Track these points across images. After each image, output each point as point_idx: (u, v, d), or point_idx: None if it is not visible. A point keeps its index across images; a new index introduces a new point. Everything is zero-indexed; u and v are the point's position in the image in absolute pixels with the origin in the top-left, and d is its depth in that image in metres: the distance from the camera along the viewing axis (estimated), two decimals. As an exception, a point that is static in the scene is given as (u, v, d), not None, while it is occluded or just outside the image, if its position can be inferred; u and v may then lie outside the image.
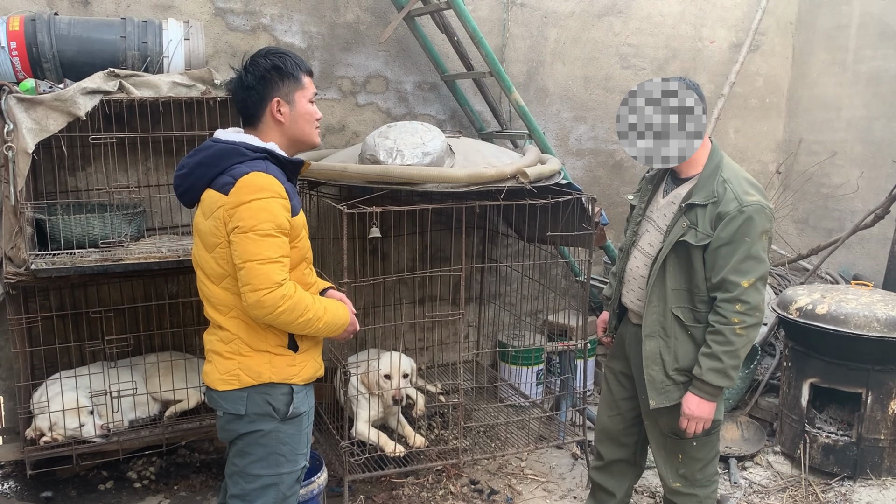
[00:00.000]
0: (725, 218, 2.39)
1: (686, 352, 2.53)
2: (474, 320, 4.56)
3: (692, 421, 2.49)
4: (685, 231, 2.46)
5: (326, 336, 2.25)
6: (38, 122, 2.92)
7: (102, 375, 3.26)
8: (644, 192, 2.77)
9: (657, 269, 2.54)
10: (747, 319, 2.39)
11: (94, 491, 3.44)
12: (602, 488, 2.98)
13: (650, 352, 2.58)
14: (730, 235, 2.39)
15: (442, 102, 4.31)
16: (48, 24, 3.03)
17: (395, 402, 3.38)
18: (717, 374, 2.42)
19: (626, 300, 2.76)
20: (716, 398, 2.48)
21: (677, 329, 2.53)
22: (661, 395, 2.56)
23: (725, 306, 2.40)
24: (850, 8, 5.06)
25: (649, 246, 2.65)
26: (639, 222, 2.73)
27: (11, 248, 3.00)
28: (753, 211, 2.38)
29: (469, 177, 3.04)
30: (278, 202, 2.04)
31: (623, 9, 4.74)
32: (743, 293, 2.38)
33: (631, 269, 2.73)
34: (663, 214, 2.61)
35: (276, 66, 2.14)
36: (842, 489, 3.62)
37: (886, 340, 3.44)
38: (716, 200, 2.43)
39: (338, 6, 3.95)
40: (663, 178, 2.68)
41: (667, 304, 2.53)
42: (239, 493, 2.20)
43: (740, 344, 2.40)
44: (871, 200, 4.79)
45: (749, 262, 2.38)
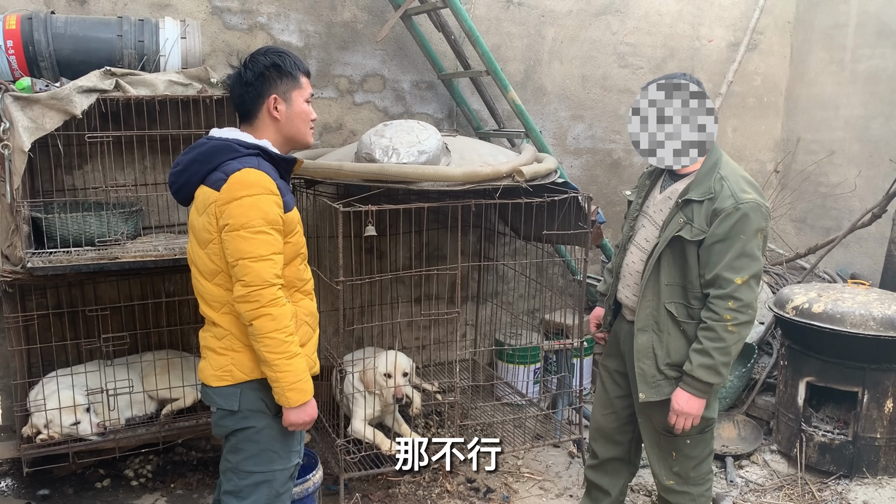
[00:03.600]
0: (721, 214, 2.39)
1: (678, 347, 2.53)
2: (471, 319, 4.57)
3: (681, 417, 2.49)
4: (681, 227, 2.46)
5: (276, 386, 2.10)
6: (34, 121, 2.92)
7: (99, 373, 3.26)
8: (641, 188, 2.77)
9: (652, 264, 2.54)
10: (739, 317, 2.39)
11: (91, 489, 3.44)
12: (597, 486, 2.98)
13: (642, 345, 2.58)
14: (725, 232, 2.39)
15: (439, 101, 4.31)
16: (45, 22, 3.04)
17: (396, 401, 3.38)
18: (708, 370, 2.42)
19: (622, 296, 2.77)
20: (705, 395, 2.48)
21: (670, 324, 2.54)
22: (651, 388, 2.57)
23: (718, 303, 2.40)
24: (847, 7, 5.06)
25: (645, 241, 2.65)
26: (635, 218, 2.74)
27: (8, 246, 3.01)
28: (749, 208, 2.38)
29: (465, 175, 3.04)
30: (270, 198, 2.05)
31: (621, 8, 4.75)
32: (736, 290, 2.38)
33: (627, 265, 2.73)
34: (659, 210, 2.61)
35: (275, 64, 2.16)
36: (838, 488, 3.63)
37: (882, 339, 3.44)
38: (712, 197, 2.43)
39: (335, 5, 3.96)
40: (661, 174, 2.68)
41: (660, 298, 2.54)
42: (232, 489, 2.21)
43: (732, 341, 2.40)
44: (868, 199, 4.79)
45: (743, 260, 2.38)
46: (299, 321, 2.21)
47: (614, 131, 4.86)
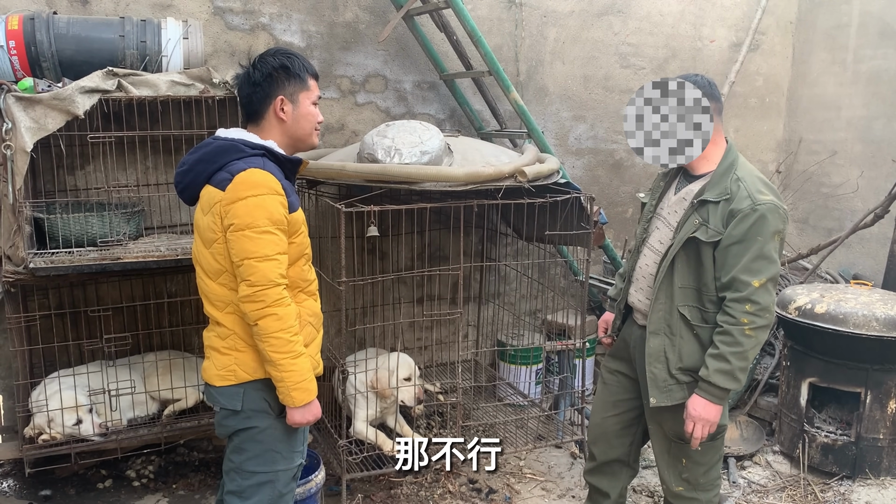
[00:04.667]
0: (738, 216, 2.34)
1: (691, 351, 2.48)
2: (473, 319, 4.56)
3: (698, 424, 2.42)
4: (697, 228, 2.41)
5: (281, 386, 2.11)
6: (36, 121, 2.92)
7: (101, 374, 3.26)
8: (656, 190, 2.71)
9: (666, 266, 2.49)
10: (757, 320, 2.33)
11: (93, 489, 3.44)
12: (596, 489, 2.95)
13: (654, 349, 2.53)
14: (742, 234, 2.34)
15: (441, 102, 4.31)
16: (47, 23, 3.04)
17: (418, 402, 3.45)
18: (725, 375, 2.36)
19: (634, 299, 2.71)
20: (722, 401, 2.42)
21: (683, 328, 2.48)
22: (662, 393, 2.51)
23: (735, 306, 2.34)
24: (850, 7, 5.05)
25: (659, 243, 2.60)
26: (649, 219, 2.69)
27: (10, 246, 3.01)
28: (767, 210, 2.33)
29: (467, 176, 3.04)
30: (275, 198, 2.05)
31: (622, 8, 4.74)
32: (753, 293, 2.32)
33: (640, 268, 2.68)
34: (674, 211, 2.56)
35: (283, 66, 2.17)
36: (840, 489, 3.62)
37: (885, 340, 3.43)
38: (728, 198, 2.38)
39: (337, 5, 3.96)
40: (676, 175, 2.64)
41: (673, 301, 2.49)
42: (235, 489, 2.21)
43: (749, 345, 2.34)
44: (870, 200, 4.78)
45: (760, 262, 2.33)
46: (303, 322, 2.21)
47: (616, 132, 4.86)
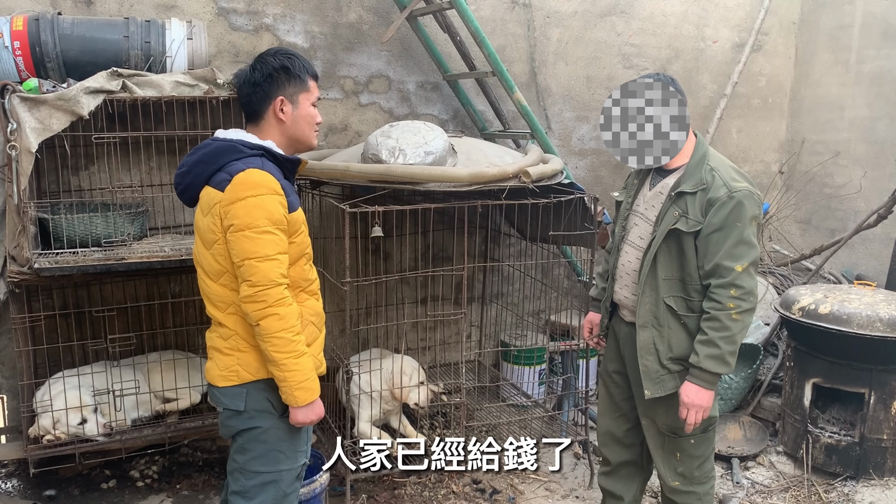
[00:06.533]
0: (716, 204, 2.42)
1: (679, 341, 2.54)
2: (476, 320, 4.56)
3: (692, 410, 2.48)
4: (677, 219, 2.48)
5: (284, 385, 2.10)
6: (41, 122, 2.93)
7: (105, 374, 3.27)
8: (630, 188, 2.78)
9: (649, 260, 2.55)
10: (742, 304, 2.40)
11: (97, 490, 3.44)
12: (610, 494, 2.97)
13: (644, 342, 2.59)
14: (721, 221, 2.41)
15: (444, 102, 4.31)
16: (51, 23, 3.05)
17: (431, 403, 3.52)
18: (715, 360, 2.43)
19: (619, 296, 2.76)
20: (714, 386, 2.48)
21: (670, 318, 2.55)
22: (655, 384, 2.57)
23: (720, 292, 2.41)
24: (853, 8, 5.04)
25: (640, 239, 2.66)
26: (626, 217, 2.75)
27: (15, 247, 3.01)
28: (743, 196, 2.41)
29: (471, 176, 3.04)
30: (274, 198, 2.06)
31: (625, 9, 4.74)
32: (737, 278, 2.39)
33: (623, 265, 2.73)
34: (651, 206, 2.62)
35: (284, 66, 2.17)
36: (844, 489, 3.61)
37: (889, 340, 3.43)
38: (705, 188, 2.46)
39: (340, 6, 3.96)
40: (649, 171, 2.70)
41: (659, 294, 2.55)
42: (239, 489, 2.22)
43: (736, 329, 2.41)
44: (874, 200, 4.77)
45: (741, 247, 2.40)
46: (305, 321, 2.21)
47: (619, 132, 4.85)
